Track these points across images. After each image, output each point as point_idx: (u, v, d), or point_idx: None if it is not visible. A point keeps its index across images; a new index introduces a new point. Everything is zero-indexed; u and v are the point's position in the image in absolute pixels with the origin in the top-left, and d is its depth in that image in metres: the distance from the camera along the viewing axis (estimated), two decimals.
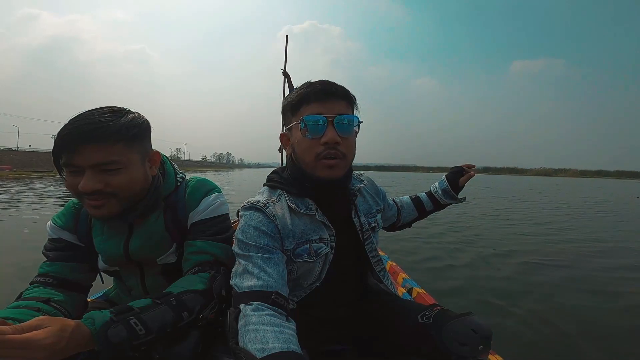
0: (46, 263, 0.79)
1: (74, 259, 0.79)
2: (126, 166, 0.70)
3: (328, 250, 0.80)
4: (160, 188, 0.80)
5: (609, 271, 3.10)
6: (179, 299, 0.64)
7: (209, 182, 0.87)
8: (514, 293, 2.47)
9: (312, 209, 0.80)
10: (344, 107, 0.77)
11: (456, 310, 0.75)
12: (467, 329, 0.66)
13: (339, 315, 0.84)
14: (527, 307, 2.21)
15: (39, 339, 0.46)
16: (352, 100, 0.80)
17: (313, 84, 0.78)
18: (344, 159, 0.77)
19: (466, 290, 2.53)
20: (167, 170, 0.86)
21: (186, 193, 0.83)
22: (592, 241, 4.54)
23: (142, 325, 0.57)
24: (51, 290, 0.73)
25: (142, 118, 0.75)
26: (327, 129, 0.74)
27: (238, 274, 0.70)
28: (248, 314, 0.62)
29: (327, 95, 0.76)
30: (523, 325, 1.96)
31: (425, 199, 1.16)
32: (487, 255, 3.58)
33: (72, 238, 0.81)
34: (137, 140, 0.72)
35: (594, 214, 8.04)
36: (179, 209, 0.82)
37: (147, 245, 0.79)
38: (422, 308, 0.78)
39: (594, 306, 2.28)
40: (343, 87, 0.79)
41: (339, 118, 0.75)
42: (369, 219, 0.89)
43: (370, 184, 0.98)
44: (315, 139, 0.75)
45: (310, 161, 0.76)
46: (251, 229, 0.74)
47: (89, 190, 0.66)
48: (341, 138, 0.75)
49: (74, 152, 0.65)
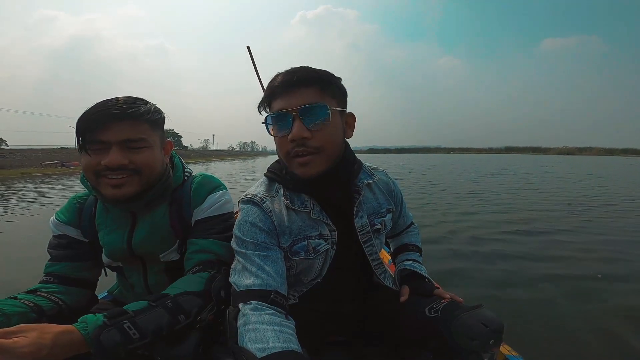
0: (49, 263, 0.79)
1: (77, 257, 0.80)
2: (150, 146, 0.74)
3: (328, 247, 0.77)
4: (170, 179, 0.81)
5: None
6: (175, 302, 0.64)
7: (214, 179, 0.87)
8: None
9: (307, 206, 0.76)
10: (312, 96, 0.69)
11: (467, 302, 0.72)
12: (478, 323, 0.64)
13: (342, 310, 0.83)
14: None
15: (15, 347, 0.46)
16: (325, 83, 0.71)
17: (277, 76, 0.72)
18: (318, 154, 0.70)
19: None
20: (176, 163, 0.87)
21: (192, 189, 0.83)
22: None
23: (135, 329, 0.57)
24: (54, 287, 0.74)
25: (161, 110, 0.80)
26: (294, 124, 0.68)
27: (237, 271, 0.69)
28: (247, 314, 0.61)
29: (290, 87, 0.69)
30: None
31: (398, 258, 0.97)
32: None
33: (75, 233, 0.81)
34: (158, 125, 0.77)
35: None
36: (184, 204, 0.82)
37: (151, 239, 0.79)
38: (430, 301, 0.75)
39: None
40: (310, 71, 0.71)
41: (303, 110, 0.68)
42: (375, 219, 0.83)
43: (384, 181, 0.90)
44: (284, 136, 0.70)
45: (284, 159, 0.74)
46: (247, 224, 0.73)
47: (114, 164, 0.68)
48: (311, 131, 0.68)
49: (103, 128, 0.68)
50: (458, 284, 2.32)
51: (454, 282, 2.34)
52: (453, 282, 2.35)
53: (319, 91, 0.70)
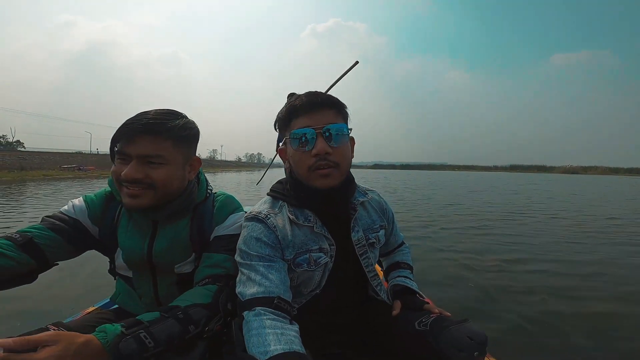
0: (35, 224, 0.76)
1: (67, 236, 0.77)
2: (168, 163, 0.76)
3: (328, 259, 0.82)
4: (194, 194, 0.85)
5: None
6: (186, 313, 0.68)
7: (235, 200, 0.92)
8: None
9: (310, 220, 0.82)
10: (332, 117, 0.78)
11: (454, 316, 0.76)
12: (464, 336, 0.67)
13: (338, 321, 0.87)
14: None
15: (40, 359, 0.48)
16: (340, 108, 0.81)
17: (299, 96, 0.79)
18: (337, 168, 0.78)
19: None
20: (201, 180, 0.91)
21: (215, 207, 0.88)
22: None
23: (151, 338, 0.60)
24: (9, 245, 0.70)
25: (194, 125, 0.82)
26: (317, 141, 0.76)
27: (242, 282, 0.73)
28: (250, 320, 0.64)
29: (314, 107, 0.77)
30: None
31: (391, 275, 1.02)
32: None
33: (89, 227, 0.82)
34: (184, 142, 0.79)
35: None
36: (206, 220, 0.86)
37: (171, 249, 0.82)
38: (419, 315, 0.79)
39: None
40: (330, 95, 0.81)
41: (326, 128, 0.76)
42: (369, 234, 0.89)
43: (377, 200, 0.97)
44: (307, 151, 0.76)
45: (305, 172, 0.78)
46: (253, 239, 0.77)
47: (129, 178, 0.72)
48: (332, 148, 0.76)
49: (128, 141, 0.72)
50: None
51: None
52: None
53: (337, 113, 0.80)
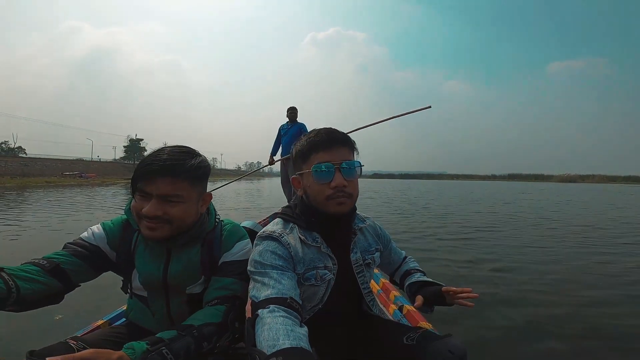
0: (60, 251, 0.83)
1: (89, 261, 0.85)
2: (185, 201, 0.83)
3: (331, 276, 0.91)
4: (205, 225, 0.93)
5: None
6: (200, 331, 0.75)
7: (241, 229, 1.01)
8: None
9: (318, 242, 0.91)
10: (347, 153, 0.89)
11: (441, 331, 0.84)
12: (446, 350, 0.75)
13: (335, 334, 0.94)
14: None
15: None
16: (353, 145, 0.92)
17: (319, 133, 0.90)
18: (350, 198, 0.89)
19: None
20: (210, 210, 0.98)
21: (222, 235, 0.96)
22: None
23: (172, 354, 0.68)
24: (37, 271, 0.75)
25: (207, 162, 0.89)
26: (335, 175, 0.86)
27: (256, 288, 0.78)
28: (264, 316, 0.69)
29: (332, 143, 0.88)
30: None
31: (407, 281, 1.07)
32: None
33: (108, 252, 0.89)
34: (199, 181, 0.87)
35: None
36: (215, 247, 0.94)
37: (184, 273, 0.90)
38: (407, 330, 0.88)
39: None
40: (344, 134, 0.92)
41: (344, 164, 0.87)
42: (366, 255, 0.99)
43: (372, 226, 1.08)
44: (325, 183, 0.87)
45: (322, 201, 0.89)
46: (268, 252, 0.84)
47: (151, 215, 0.79)
48: (347, 181, 0.87)
49: (149, 181, 0.79)
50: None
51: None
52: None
53: (350, 150, 0.91)
